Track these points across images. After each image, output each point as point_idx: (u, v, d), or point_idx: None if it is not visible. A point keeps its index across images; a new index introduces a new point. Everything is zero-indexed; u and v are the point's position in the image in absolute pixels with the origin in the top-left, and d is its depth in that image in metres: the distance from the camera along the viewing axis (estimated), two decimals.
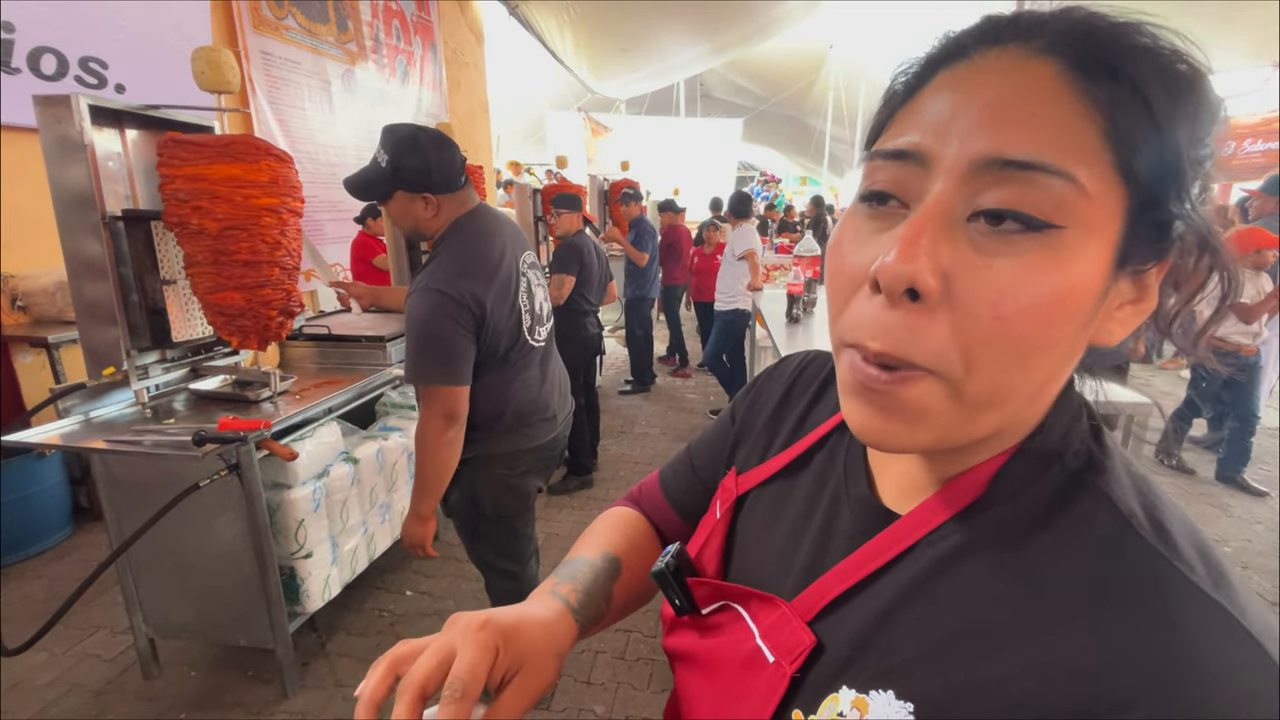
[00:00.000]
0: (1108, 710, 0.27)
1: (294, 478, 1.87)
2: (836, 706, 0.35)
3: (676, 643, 0.49)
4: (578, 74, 8.21)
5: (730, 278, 3.97)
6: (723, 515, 0.51)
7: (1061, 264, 0.28)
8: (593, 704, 1.84)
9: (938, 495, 0.36)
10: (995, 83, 0.29)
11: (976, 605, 0.33)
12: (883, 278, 0.29)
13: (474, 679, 0.37)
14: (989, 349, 0.29)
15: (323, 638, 2.10)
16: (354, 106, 4.87)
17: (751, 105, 14.42)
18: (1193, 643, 0.27)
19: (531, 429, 1.60)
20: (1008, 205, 0.28)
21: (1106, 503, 0.32)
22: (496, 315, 1.44)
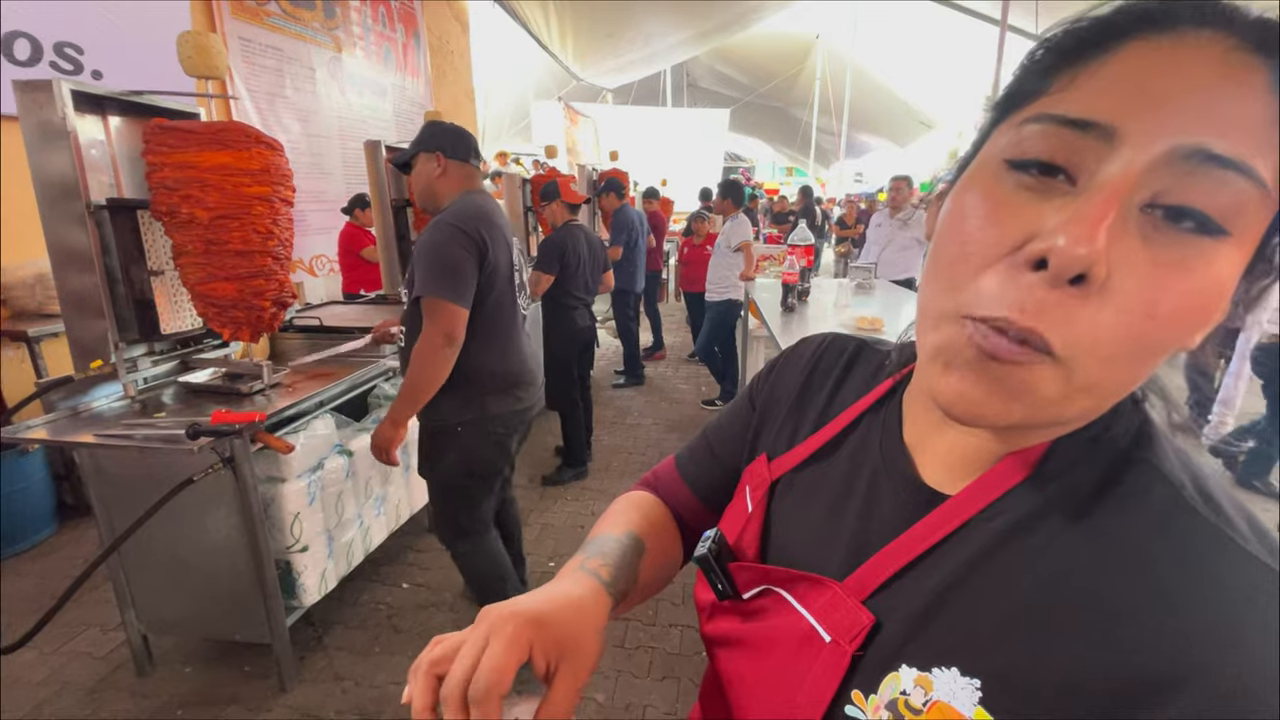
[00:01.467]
0: (1186, 676, 0.27)
1: (288, 471, 1.84)
2: (899, 685, 0.35)
3: (717, 628, 0.49)
4: (563, 61, 8.14)
5: (723, 268, 3.97)
6: (757, 501, 0.51)
7: (1218, 271, 0.28)
8: (593, 692, 1.85)
9: (991, 473, 0.37)
10: (1205, 69, 0.27)
11: (1038, 580, 0.33)
12: (1058, 259, 0.28)
13: (499, 675, 0.36)
14: (1129, 345, 0.29)
15: (319, 632, 2.09)
16: (339, 94, 4.78)
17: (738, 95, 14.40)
18: (1259, 609, 0.28)
19: (522, 391, 1.80)
20: (1194, 204, 0.27)
21: (1158, 475, 0.33)
22: (497, 257, 1.65)
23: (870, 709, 0.36)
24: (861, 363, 0.53)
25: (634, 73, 10.11)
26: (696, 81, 14.81)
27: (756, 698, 0.44)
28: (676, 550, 0.59)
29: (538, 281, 3.05)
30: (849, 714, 0.37)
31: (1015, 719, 0.31)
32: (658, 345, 5.63)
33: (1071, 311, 0.28)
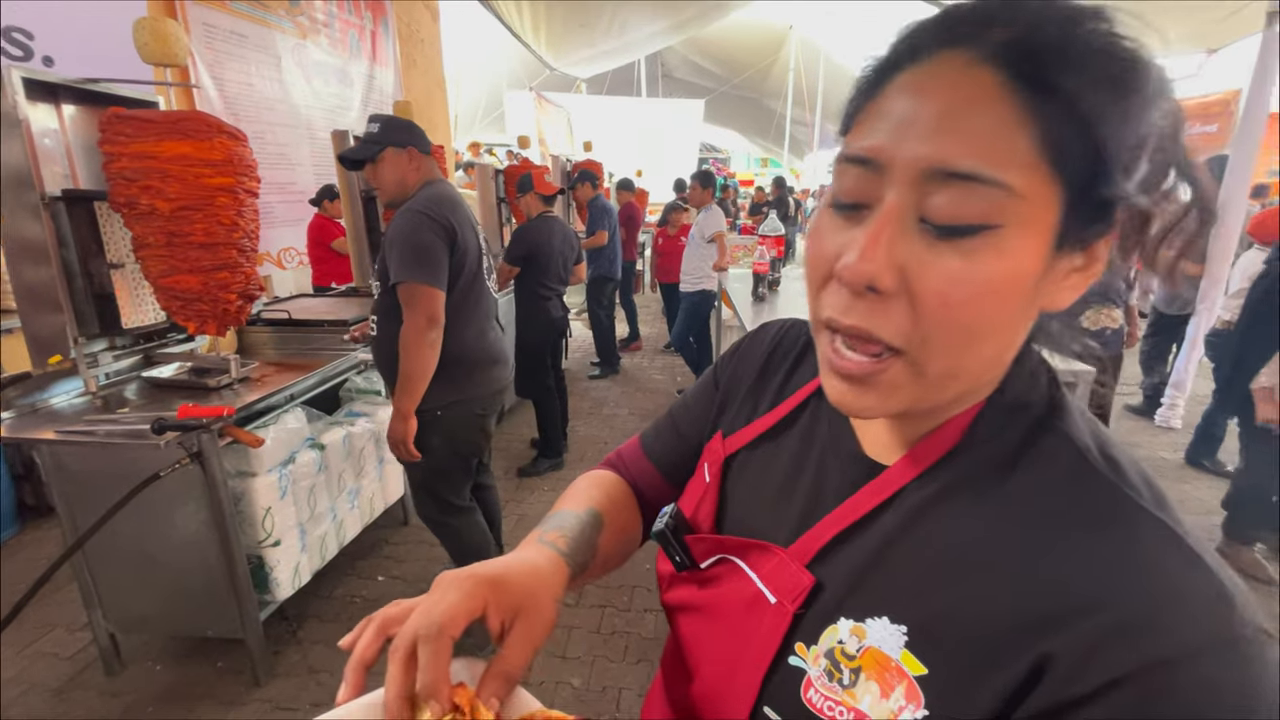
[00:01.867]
0: (1079, 612, 0.31)
1: (259, 465, 1.83)
2: (836, 635, 0.39)
3: (676, 596, 0.52)
4: (536, 50, 8.06)
5: (696, 259, 4.00)
6: (713, 476, 0.54)
7: (1000, 257, 0.31)
8: (569, 677, 1.88)
9: (919, 446, 0.40)
10: (943, 92, 0.31)
11: (959, 536, 0.36)
12: (846, 275, 0.33)
13: (451, 619, 0.37)
14: (942, 332, 0.33)
15: (294, 626, 2.08)
16: (306, 83, 4.67)
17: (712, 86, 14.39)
18: (1146, 553, 0.31)
19: (497, 370, 1.89)
20: (946, 217, 0.31)
21: (1066, 441, 0.36)
22: (466, 240, 1.71)
23: (811, 658, 0.39)
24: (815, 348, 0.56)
25: (608, 62, 10.06)
26: (671, 72, 14.77)
27: (710, 657, 0.47)
28: (636, 526, 0.62)
29: (503, 272, 3.06)
30: (792, 664, 0.40)
31: (934, 658, 0.34)
32: (634, 336, 5.65)
33: (882, 312, 0.33)
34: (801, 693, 0.39)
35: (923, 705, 0.34)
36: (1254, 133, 3.21)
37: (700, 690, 0.47)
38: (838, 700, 0.37)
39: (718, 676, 0.45)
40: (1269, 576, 2.32)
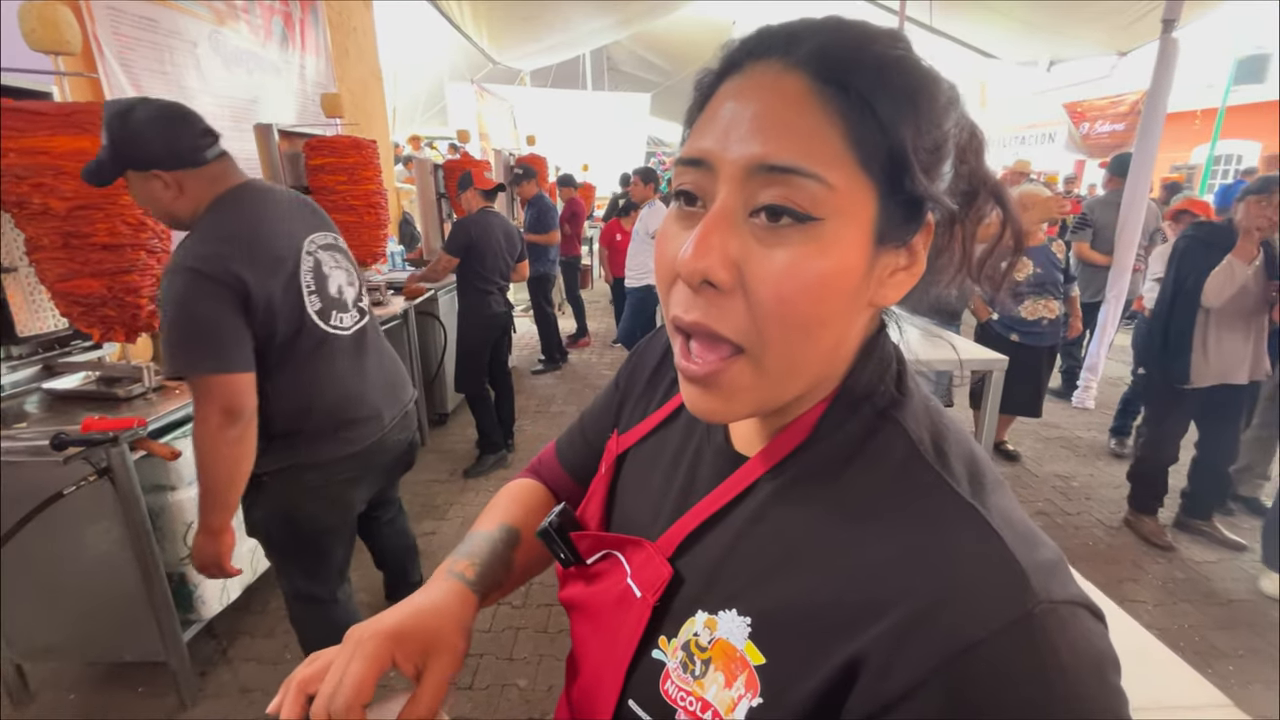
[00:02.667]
0: (886, 606, 0.32)
1: (178, 478, 1.74)
2: (693, 628, 0.40)
3: (567, 594, 0.53)
4: (477, 42, 7.88)
5: (641, 254, 4.01)
6: (605, 473, 0.55)
7: (825, 250, 0.33)
8: (515, 678, 1.87)
9: (774, 440, 0.42)
10: (760, 96, 0.34)
11: (798, 528, 0.38)
12: (682, 272, 0.34)
13: (358, 690, 0.40)
14: (777, 324, 0.34)
15: (223, 644, 1.99)
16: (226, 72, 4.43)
17: (659, 80, 14.41)
18: (947, 540, 0.33)
19: (350, 431, 1.41)
20: (778, 201, 0.33)
21: (901, 433, 0.38)
22: (265, 291, 1.23)
23: (670, 650, 0.41)
24: None
25: (553, 56, 9.93)
26: (617, 65, 14.70)
27: (590, 654, 0.48)
28: None
29: (437, 262, 3.00)
30: (654, 657, 0.41)
31: (772, 649, 0.36)
32: (581, 332, 5.63)
33: (724, 308, 0.34)
34: (660, 685, 0.40)
35: (759, 694, 0.35)
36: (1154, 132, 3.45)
37: (581, 686, 0.48)
38: (689, 691, 0.38)
39: (593, 672, 0.46)
40: (1167, 543, 2.51)
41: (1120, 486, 2.90)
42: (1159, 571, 2.39)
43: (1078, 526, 2.71)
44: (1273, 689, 1.84)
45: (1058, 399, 4.12)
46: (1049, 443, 3.56)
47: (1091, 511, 2.83)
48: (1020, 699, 0.28)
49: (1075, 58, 6.71)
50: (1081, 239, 3.73)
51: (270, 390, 1.29)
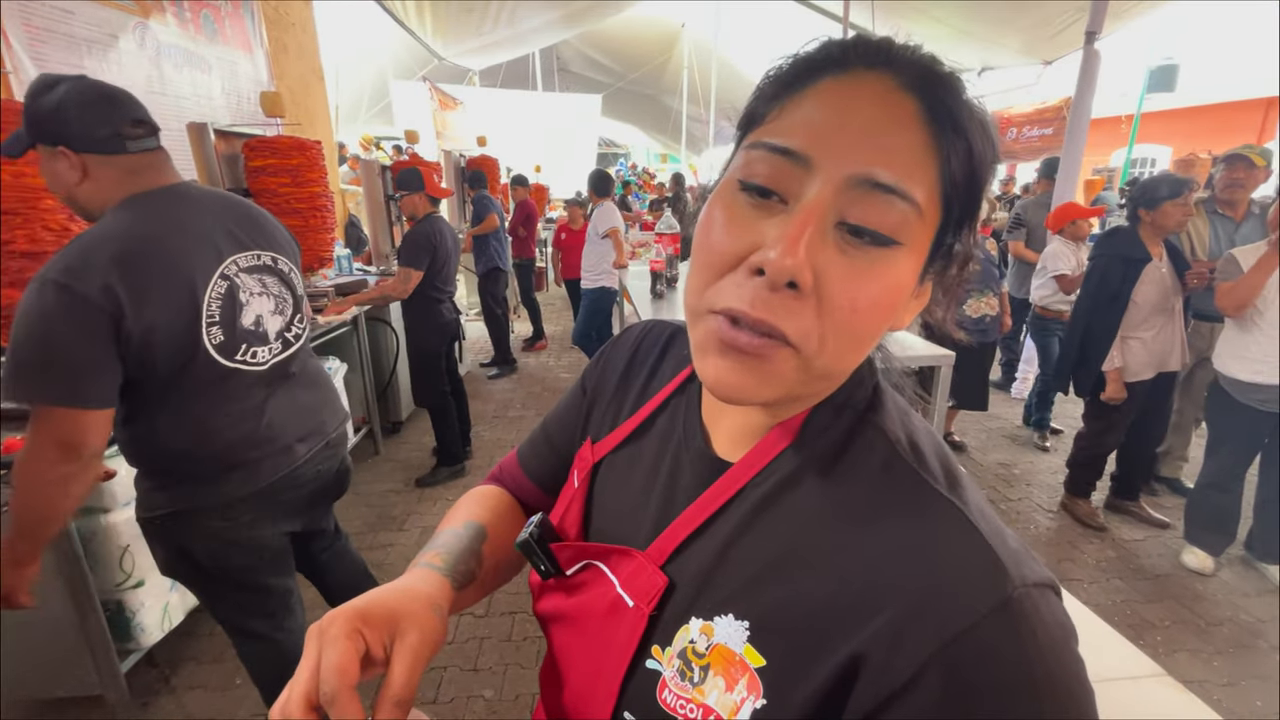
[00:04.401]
0: (880, 603, 0.33)
1: (112, 500, 1.64)
2: (688, 635, 0.40)
3: (546, 606, 0.52)
4: (422, 38, 7.70)
5: (595, 256, 4.00)
6: (580, 483, 0.55)
7: (894, 273, 0.35)
8: (481, 689, 1.83)
9: (762, 443, 0.42)
10: (872, 108, 0.34)
11: (788, 532, 0.39)
12: (770, 270, 0.33)
13: (342, 670, 0.37)
14: (841, 334, 0.35)
15: (165, 673, 1.88)
16: (153, 67, 4.19)
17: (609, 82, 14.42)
18: (931, 535, 0.35)
19: (250, 469, 1.25)
20: (866, 224, 0.33)
21: (881, 434, 0.40)
22: (150, 319, 1.07)
23: (665, 659, 0.40)
24: (675, 347, 0.58)
25: (500, 54, 9.79)
26: (567, 66, 14.63)
27: (577, 665, 0.47)
28: (522, 522, 0.61)
29: (407, 279, 2.87)
30: (649, 667, 0.41)
31: (772, 651, 0.36)
32: (538, 335, 5.57)
33: (794, 309, 0.34)
34: (657, 694, 0.40)
35: (761, 695, 0.36)
36: (1079, 136, 3.66)
37: (568, 698, 0.47)
38: (689, 698, 0.38)
39: (582, 683, 0.46)
40: (1100, 524, 2.67)
41: (1057, 472, 3.07)
42: (1093, 551, 2.55)
43: (1019, 512, 2.85)
44: (1197, 655, 1.98)
45: (997, 390, 4.33)
46: (991, 433, 3.73)
47: (1032, 497, 2.98)
48: (1008, 675, 0.30)
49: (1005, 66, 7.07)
50: (1016, 238, 3.93)
51: (151, 426, 1.16)
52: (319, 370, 1.48)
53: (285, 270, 1.33)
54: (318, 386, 1.45)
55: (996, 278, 3.02)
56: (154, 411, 1.15)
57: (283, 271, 1.33)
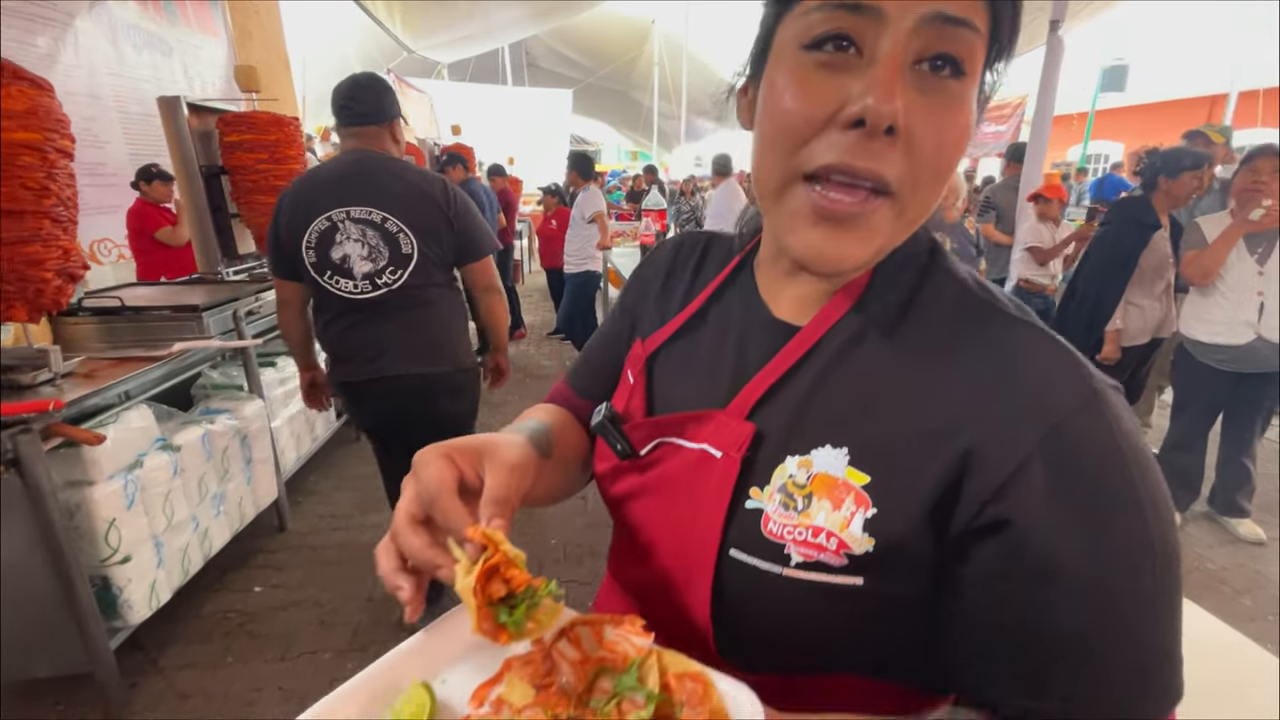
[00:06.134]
0: (987, 402, 0.37)
1: (97, 472, 1.57)
2: (786, 472, 0.42)
3: (621, 488, 0.53)
4: (391, 31, 7.57)
5: (579, 240, 4.00)
6: (637, 377, 0.56)
7: (965, 104, 0.37)
8: None
9: (830, 304, 0.45)
10: None
11: (875, 369, 0.42)
12: (871, 117, 0.34)
13: (440, 481, 0.38)
14: (928, 174, 0.37)
15: (152, 655, 1.82)
16: (112, 48, 4.04)
17: (579, 77, 14.36)
18: (1017, 349, 0.38)
19: (339, 367, 1.72)
20: (951, 51, 0.35)
21: (949, 277, 0.43)
22: (290, 231, 1.58)
23: (765, 497, 0.42)
24: (714, 249, 0.61)
25: (471, 48, 9.68)
26: (536, 61, 14.52)
27: (665, 529, 0.48)
28: (582, 435, 0.62)
29: None
30: (749, 507, 0.43)
31: (874, 467, 0.39)
32: (517, 324, 5.53)
33: (891, 157, 0.36)
34: (762, 528, 0.42)
35: (871, 505, 0.38)
36: (1045, 121, 3.80)
37: (660, 561, 0.49)
38: (795, 524, 0.40)
39: (677, 540, 0.47)
40: None
41: None
42: None
43: None
44: None
45: None
46: None
47: None
48: (1103, 460, 0.35)
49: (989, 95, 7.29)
50: (987, 221, 4.06)
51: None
52: (414, 321, 1.69)
53: (393, 230, 1.60)
54: (411, 331, 1.69)
55: (974, 257, 3.13)
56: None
57: (389, 230, 1.60)
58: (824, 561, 0.39)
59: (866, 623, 0.41)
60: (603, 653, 0.38)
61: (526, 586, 0.37)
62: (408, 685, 0.38)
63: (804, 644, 0.43)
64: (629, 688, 0.36)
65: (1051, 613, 0.35)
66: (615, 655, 0.38)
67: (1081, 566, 0.34)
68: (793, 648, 0.43)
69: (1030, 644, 0.36)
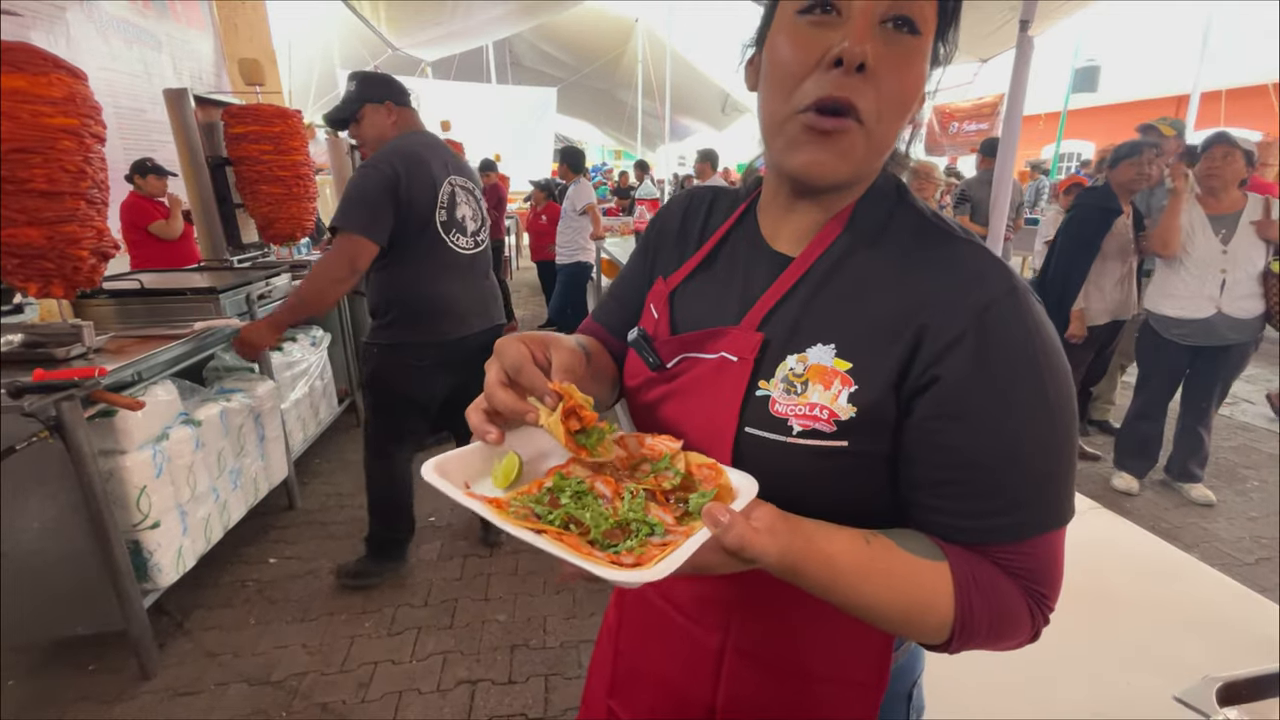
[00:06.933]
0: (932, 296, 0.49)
1: (129, 442, 1.67)
2: (787, 366, 0.54)
3: (651, 395, 0.65)
4: (376, 28, 7.59)
5: (570, 232, 4.10)
6: (660, 310, 0.68)
7: (920, 57, 0.49)
8: (495, 614, 1.94)
9: (821, 232, 0.58)
10: None
11: (856, 280, 0.54)
12: (846, 56, 0.45)
13: (521, 355, 0.51)
14: (891, 107, 0.48)
15: (178, 619, 1.91)
16: (102, 41, 4.07)
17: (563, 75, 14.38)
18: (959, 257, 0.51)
19: (439, 323, 1.89)
20: (904, 13, 0.47)
21: (911, 209, 0.56)
22: (410, 192, 1.75)
23: (772, 386, 0.55)
24: (720, 200, 0.73)
25: (456, 45, 9.68)
26: (520, 59, 14.52)
27: (691, 421, 0.61)
28: (610, 360, 0.75)
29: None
30: (758, 394, 0.55)
31: (855, 354, 0.52)
32: (508, 317, 5.62)
33: (863, 90, 0.48)
34: (769, 409, 0.54)
35: (853, 383, 0.51)
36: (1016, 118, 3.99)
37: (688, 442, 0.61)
38: (795, 403, 0.53)
39: (702, 425, 0.59)
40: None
41: None
42: None
43: None
44: None
45: None
46: None
47: None
48: (1015, 333, 0.47)
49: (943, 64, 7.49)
50: (962, 213, 4.24)
51: (394, 272, 1.82)
52: (494, 279, 2.11)
53: (479, 197, 2.02)
54: (493, 288, 2.09)
55: None
56: (399, 261, 1.81)
57: (476, 196, 2.01)
58: (818, 429, 0.52)
59: (850, 476, 0.53)
60: (644, 451, 0.53)
61: (595, 422, 0.50)
62: (506, 454, 0.53)
63: (803, 499, 0.54)
64: (663, 468, 0.51)
65: (961, 448, 0.48)
66: (653, 452, 0.52)
67: (986, 411, 0.47)
68: (795, 504, 0.56)
69: (949, 473, 0.49)
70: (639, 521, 0.44)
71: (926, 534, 0.52)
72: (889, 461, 0.53)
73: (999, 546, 0.50)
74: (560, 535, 0.42)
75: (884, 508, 0.55)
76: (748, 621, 0.63)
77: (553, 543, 0.41)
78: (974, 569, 0.50)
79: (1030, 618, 0.51)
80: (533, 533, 0.42)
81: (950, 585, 0.49)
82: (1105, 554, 1.10)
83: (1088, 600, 0.94)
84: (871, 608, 0.49)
